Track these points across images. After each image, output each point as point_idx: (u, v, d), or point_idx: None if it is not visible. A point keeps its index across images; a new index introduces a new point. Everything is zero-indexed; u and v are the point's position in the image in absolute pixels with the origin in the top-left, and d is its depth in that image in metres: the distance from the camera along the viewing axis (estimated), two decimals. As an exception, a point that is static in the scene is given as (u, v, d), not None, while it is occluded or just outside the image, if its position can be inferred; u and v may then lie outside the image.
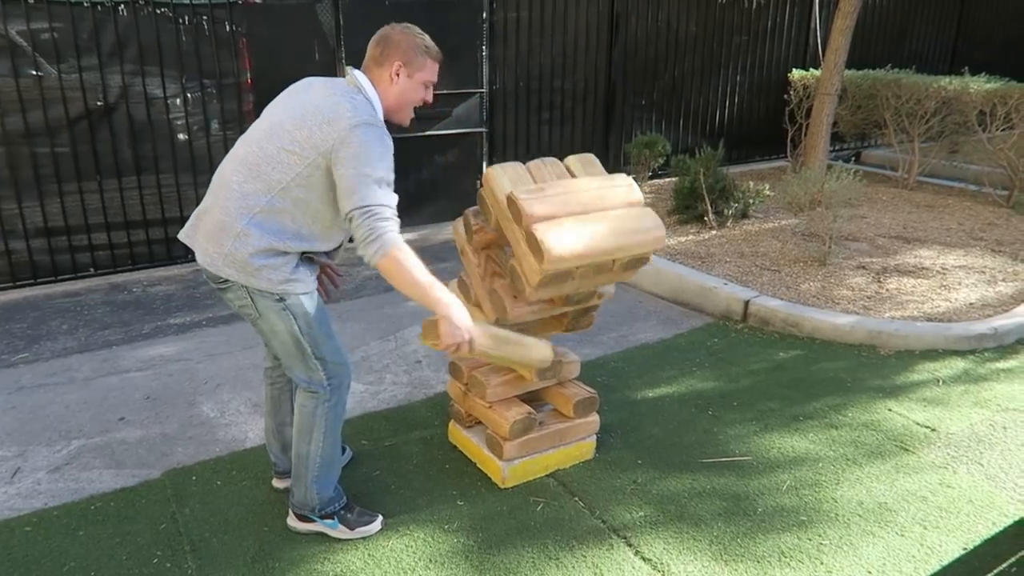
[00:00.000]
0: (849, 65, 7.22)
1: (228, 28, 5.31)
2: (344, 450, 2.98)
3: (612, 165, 7.41)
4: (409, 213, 6.34)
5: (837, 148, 8.31)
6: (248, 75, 5.46)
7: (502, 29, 6.46)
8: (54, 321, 4.60)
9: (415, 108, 2.61)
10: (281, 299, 2.37)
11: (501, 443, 2.86)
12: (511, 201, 2.52)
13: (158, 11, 5.08)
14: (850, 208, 6.09)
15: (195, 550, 2.58)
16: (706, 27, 7.54)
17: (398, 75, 2.46)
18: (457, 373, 3.07)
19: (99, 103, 5.03)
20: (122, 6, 4.97)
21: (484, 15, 6.27)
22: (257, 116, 4.90)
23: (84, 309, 4.78)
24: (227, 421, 3.43)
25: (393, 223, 2.25)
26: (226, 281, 2.37)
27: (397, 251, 2.21)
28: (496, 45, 6.43)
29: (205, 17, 5.27)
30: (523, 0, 6.51)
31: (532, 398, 3.09)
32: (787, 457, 3.12)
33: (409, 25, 2.56)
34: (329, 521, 2.61)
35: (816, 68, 7.70)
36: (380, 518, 2.67)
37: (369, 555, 2.56)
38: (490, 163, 6.62)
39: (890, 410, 3.47)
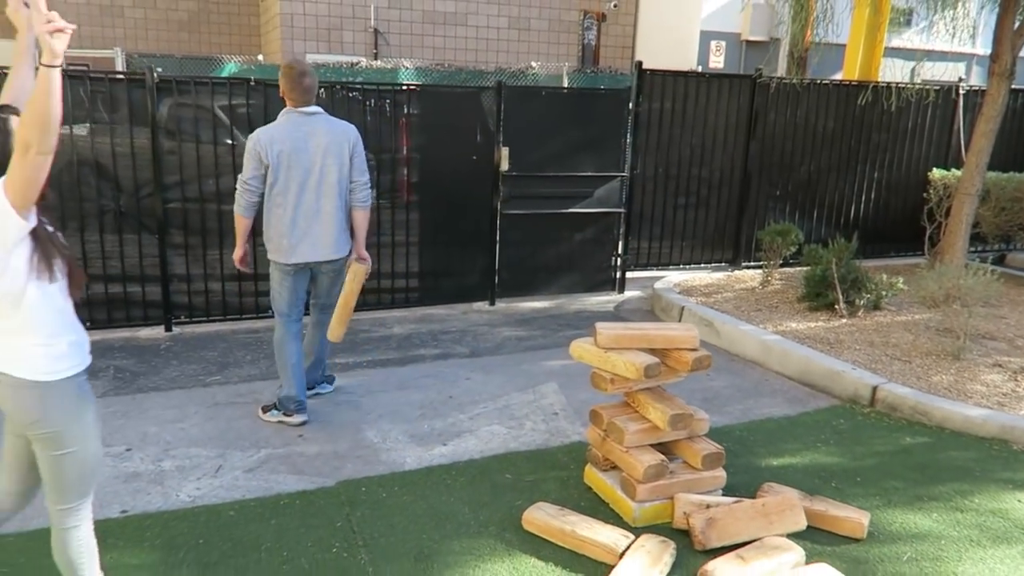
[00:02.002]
0: (994, 168, 7.23)
1: (406, 110, 6.08)
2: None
3: (743, 252, 7.66)
4: (547, 283, 6.86)
5: (979, 249, 8.19)
6: (405, 151, 6.16)
7: (646, 119, 6.97)
8: (239, 352, 5.31)
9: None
10: None
11: (635, 485, 3.17)
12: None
13: (350, 94, 5.92)
14: (990, 308, 6.06)
15: (366, 545, 3.02)
16: (844, 124, 7.77)
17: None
18: (597, 419, 3.42)
19: (294, 169, 5.84)
20: (322, 89, 5.82)
21: (630, 106, 6.81)
22: (411, 189, 5.68)
23: (263, 344, 5.48)
24: (388, 447, 3.90)
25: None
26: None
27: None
28: (640, 133, 6.93)
29: (388, 100, 6.07)
30: (667, 93, 7.02)
31: (663, 450, 3.38)
32: (909, 532, 3.24)
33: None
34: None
35: (958, 168, 7.73)
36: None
37: (514, 568, 2.91)
38: (626, 243, 7.05)
39: (1019, 501, 3.51)
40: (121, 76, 5.34)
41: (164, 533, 3.06)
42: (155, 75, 5.28)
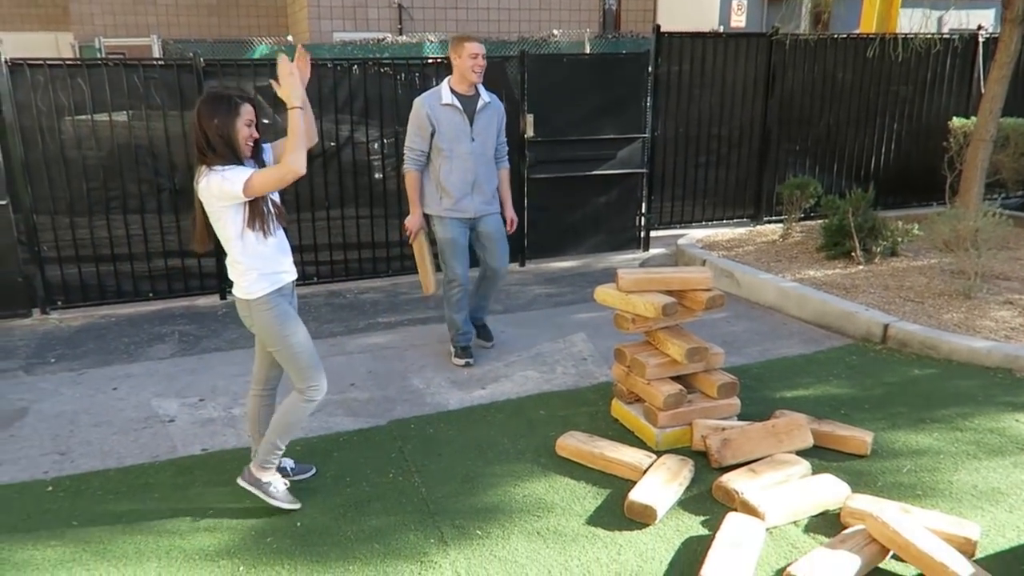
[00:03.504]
0: (1014, 113, 7.33)
1: (434, 82, 6.38)
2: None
3: (764, 207, 7.89)
4: (574, 243, 7.16)
5: (1002, 196, 8.31)
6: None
7: (665, 81, 7.20)
8: (290, 316, 5.72)
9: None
10: None
11: (656, 413, 3.51)
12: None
13: (381, 69, 6.26)
14: (1008, 250, 6.24)
15: (419, 471, 3.41)
16: (863, 77, 7.91)
17: (455, 59, 4.40)
18: (621, 357, 3.76)
19: (332, 144, 6.22)
20: (354, 66, 6.17)
21: (649, 68, 7.04)
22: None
23: (311, 308, 5.89)
24: (433, 391, 4.30)
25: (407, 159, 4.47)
26: None
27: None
28: (659, 95, 7.17)
29: (417, 74, 6.39)
30: (686, 55, 7.24)
31: (683, 383, 3.70)
32: (910, 449, 3.55)
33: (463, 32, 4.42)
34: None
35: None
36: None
37: (549, 486, 3.28)
38: (649, 202, 7.32)
39: (1017, 421, 3.78)
40: (172, 63, 5.72)
41: (242, 465, 3.47)
42: (201, 60, 5.66)
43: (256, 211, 2.87)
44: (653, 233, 7.49)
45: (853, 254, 6.18)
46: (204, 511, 3.14)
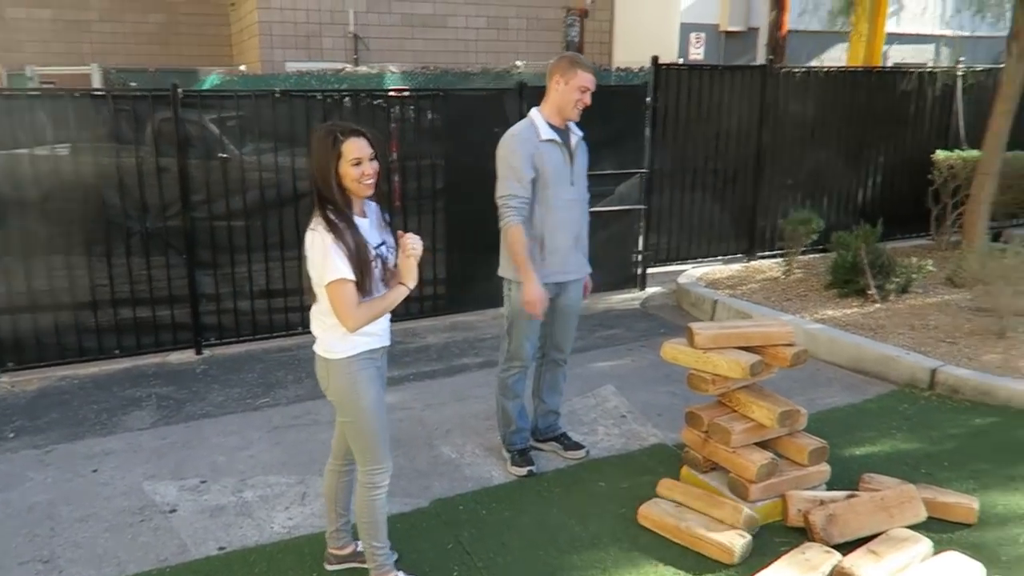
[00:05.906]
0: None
1: (429, 116, 5.97)
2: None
3: (757, 241, 7.69)
4: (576, 283, 6.74)
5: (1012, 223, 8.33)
6: (431, 156, 6.04)
7: (663, 115, 6.95)
8: (279, 372, 5.16)
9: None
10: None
11: (747, 486, 3.13)
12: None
13: (374, 102, 5.80)
14: (1012, 285, 6.15)
15: (487, 567, 2.93)
16: (850, 113, 7.85)
17: (557, 84, 3.41)
18: (695, 421, 3.38)
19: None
20: (346, 98, 5.69)
21: (647, 101, 6.79)
22: (403, 196, 5.61)
23: (301, 363, 5.33)
24: (468, 462, 3.81)
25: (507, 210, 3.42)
26: None
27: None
28: (657, 129, 6.91)
29: (411, 106, 5.95)
30: (682, 88, 7.01)
31: (764, 448, 3.34)
32: (1015, 514, 3.26)
33: (575, 54, 3.43)
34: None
35: (960, 149, 7.88)
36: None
37: (643, 579, 2.85)
38: (647, 239, 7.02)
39: (1107, 476, 3.55)
40: (146, 93, 5.13)
41: (273, 568, 2.94)
42: (180, 91, 5.09)
43: (363, 268, 2.53)
44: (648, 271, 7.19)
45: (868, 292, 5.98)
46: (240, 634, 2.59)
